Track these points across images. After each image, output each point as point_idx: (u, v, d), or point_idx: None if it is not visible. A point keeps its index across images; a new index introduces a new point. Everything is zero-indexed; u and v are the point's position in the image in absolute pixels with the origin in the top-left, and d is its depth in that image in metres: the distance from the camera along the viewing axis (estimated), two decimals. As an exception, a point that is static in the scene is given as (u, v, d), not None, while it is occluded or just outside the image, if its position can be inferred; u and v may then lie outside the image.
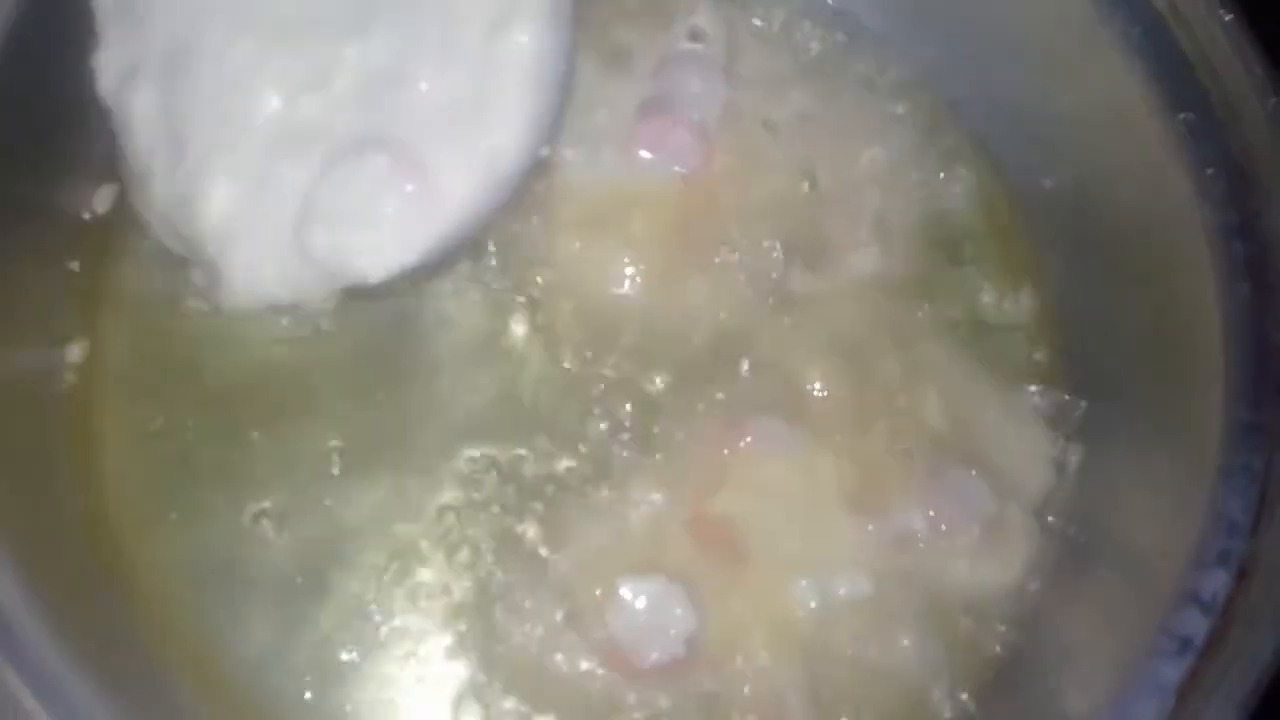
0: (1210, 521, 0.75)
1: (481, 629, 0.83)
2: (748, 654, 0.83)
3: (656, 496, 0.86)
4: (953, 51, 0.96)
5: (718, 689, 0.82)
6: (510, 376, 0.89)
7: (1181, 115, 0.81)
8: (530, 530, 0.85)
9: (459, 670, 0.83)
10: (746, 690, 0.82)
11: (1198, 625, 0.72)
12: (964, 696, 0.84)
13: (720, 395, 0.89)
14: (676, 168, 0.93)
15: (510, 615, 0.83)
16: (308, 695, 0.82)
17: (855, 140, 0.96)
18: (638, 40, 0.96)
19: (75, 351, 0.88)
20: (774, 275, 0.92)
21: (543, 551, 0.84)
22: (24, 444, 0.82)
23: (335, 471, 0.86)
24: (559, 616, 0.83)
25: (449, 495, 0.86)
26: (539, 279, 0.91)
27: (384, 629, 0.83)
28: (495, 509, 0.85)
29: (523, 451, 0.87)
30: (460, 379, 0.89)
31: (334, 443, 0.86)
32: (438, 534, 0.85)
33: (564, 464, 0.87)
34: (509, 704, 0.82)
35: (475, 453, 0.87)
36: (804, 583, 0.84)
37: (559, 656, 0.82)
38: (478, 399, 0.88)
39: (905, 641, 0.84)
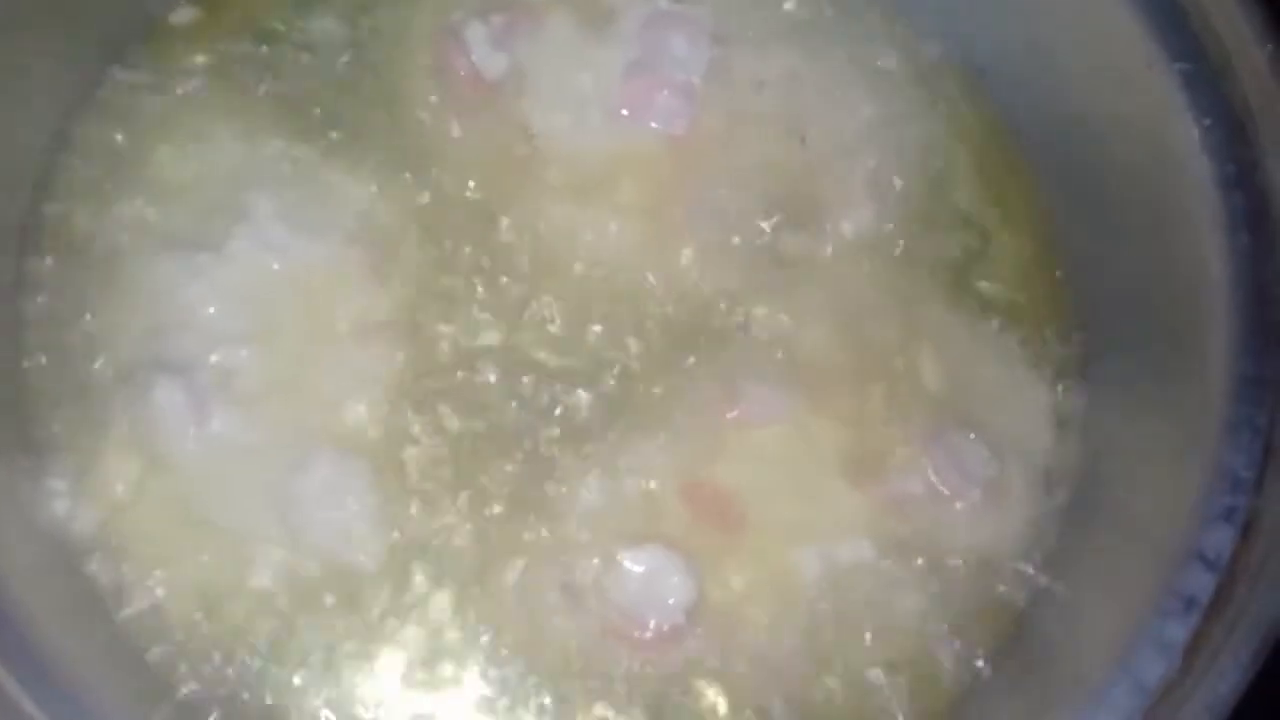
0: (1214, 477, 0.74)
1: (479, 599, 0.82)
2: (749, 622, 0.83)
3: (650, 465, 0.85)
4: (945, 4, 0.94)
5: (719, 657, 0.82)
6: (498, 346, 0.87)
7: (1178, 65, 0.80)
8: (526, 502, 0.84)
9: (457, 643, 0.82)
10: (748, 658, 0.82)
11: (1203, 583, 0.72)
12: (970, 659, 0.83)
13: (713, 361, 0.88)
14: (663, 129, 0.92)
15: (508, 586, 0.82)
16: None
17: (846, 98, 0.94)
18: (621, 2, 0.94)
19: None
20: (766, 238, 0.91)
21: (537, 522, 0.83)
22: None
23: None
24: (556, 587, 0.82)
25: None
26: (525, 247, 0.89)
27: (384, 603, 0.82)
28: (486, 481, 0.84)
29: (511, 421, 0.86)
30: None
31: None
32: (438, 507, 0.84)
33: (554, 433, 0.86)
34: (507, 675, 0.81)
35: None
36: (804, 550, 0.84)
37: (557, 627, 0.82)
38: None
39: (909, 606, 0.83)
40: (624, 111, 0.92)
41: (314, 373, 0.85)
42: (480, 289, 0.88)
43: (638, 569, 0.81)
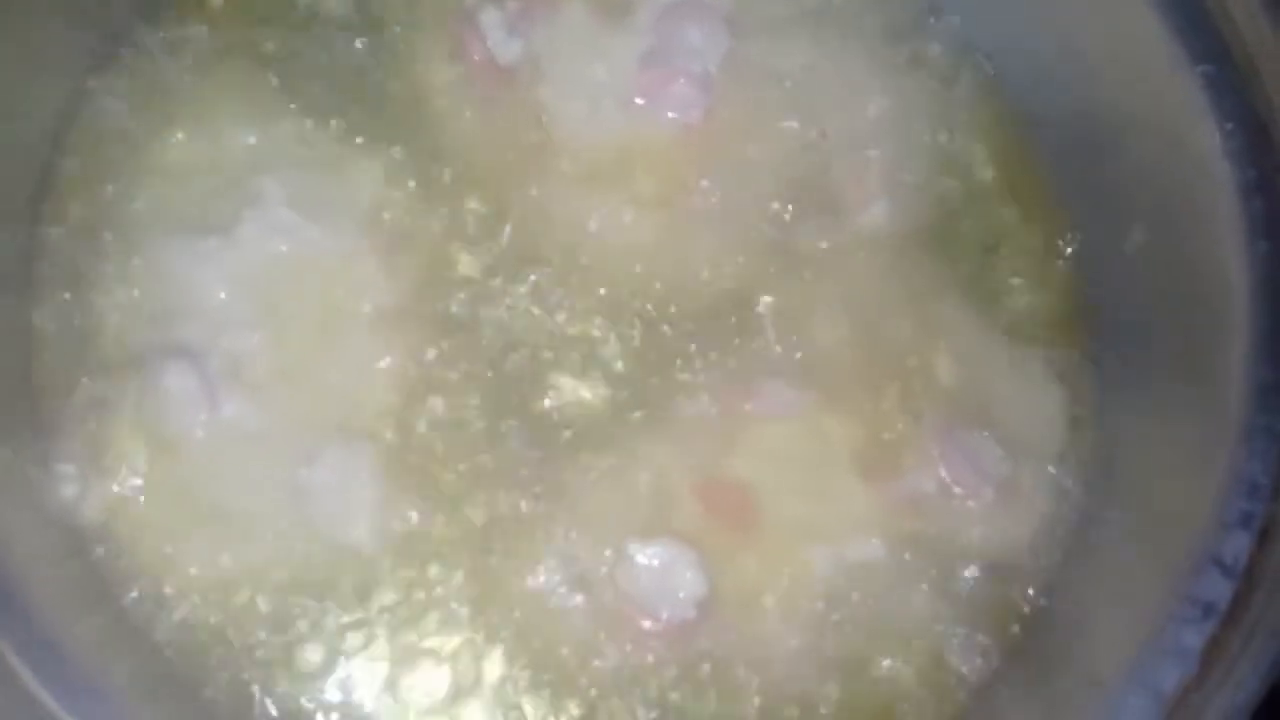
0: (1231, 483, 0.74)
1: (489, 589, 0.82)
2: (759, 617, 0.82)
3: (663, 459, 0.84)
4: (966, 1, 0.94)
5: (728, 652, 0.82)
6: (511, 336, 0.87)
7: (1200, 68, 0.80)
8: (537, 493, 0.83)
9: (466, 632, 0.81)
10: (758, 653, 0.82)
11: (1220, 589, 0.72)
12: (983, 661, 0.83)
13: (726, 356, 0.87)
14: (679, 119, 0.91)
15: (519, 578, 0.82)
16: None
17: (863, 90, 0.93)
18: (638, -9, 0.94)
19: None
20: (780, 230, 0.90)
21: (550, 514, 0.83)
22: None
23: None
24: (568, 579, 0.82)
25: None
26: (538, 236, 0.88)
27: (394, 592, 0.82)
28: (498, 470, 0.84)
29: (523, 413, 0.85)
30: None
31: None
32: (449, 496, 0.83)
33: (567, 425, 0.85)
34: (517, 667, 0.81)
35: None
36: (815, 547, 0.83)
37: (568, 619, 0.81)
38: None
39: (920, 606, 0.83)
40: (639, 100, 0.91)
41: (325, 360, 0.84)
42: (493, 279, 0.87)
43: (650, 562, 0.81)
